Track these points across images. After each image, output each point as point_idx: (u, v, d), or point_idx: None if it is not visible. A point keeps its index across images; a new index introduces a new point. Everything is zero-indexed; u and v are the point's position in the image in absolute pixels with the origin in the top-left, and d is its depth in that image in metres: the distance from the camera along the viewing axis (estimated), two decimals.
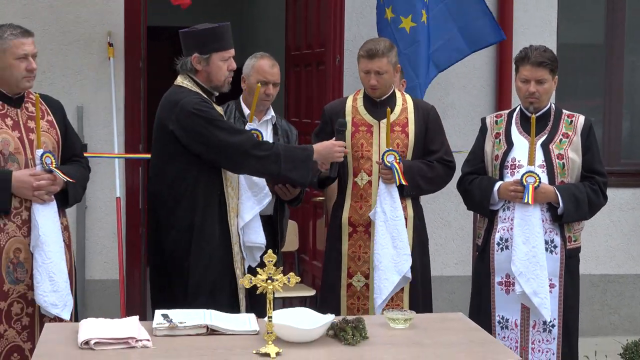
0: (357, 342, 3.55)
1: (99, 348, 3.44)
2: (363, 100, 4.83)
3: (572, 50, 7.25)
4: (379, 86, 4.72)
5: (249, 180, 4.54)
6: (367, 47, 4.71)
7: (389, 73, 4.71)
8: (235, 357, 3.38)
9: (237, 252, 4.49)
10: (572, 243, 4.56)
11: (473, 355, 3.47)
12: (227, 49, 4.45)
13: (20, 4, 6.31)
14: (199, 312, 3.81)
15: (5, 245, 4.13)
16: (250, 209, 4.55)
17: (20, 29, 4.22)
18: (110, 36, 6.40)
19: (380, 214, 4.61)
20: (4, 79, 4.21)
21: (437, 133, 4.83)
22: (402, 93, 4.90)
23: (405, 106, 4.80)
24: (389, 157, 4.60)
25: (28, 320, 4.19)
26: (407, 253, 4.60)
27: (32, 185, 4.10)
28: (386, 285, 4.57)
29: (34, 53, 4.24)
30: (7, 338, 4.15)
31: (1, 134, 4.15)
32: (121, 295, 6.02)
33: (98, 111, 6.42)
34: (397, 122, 4.75)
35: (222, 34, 4.46)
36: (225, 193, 4.42)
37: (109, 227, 6.46)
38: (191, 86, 4.43)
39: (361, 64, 4.74)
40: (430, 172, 4.73)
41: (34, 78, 4.27)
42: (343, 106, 4.85)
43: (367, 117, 4.79)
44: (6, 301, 4.14)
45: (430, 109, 4.86)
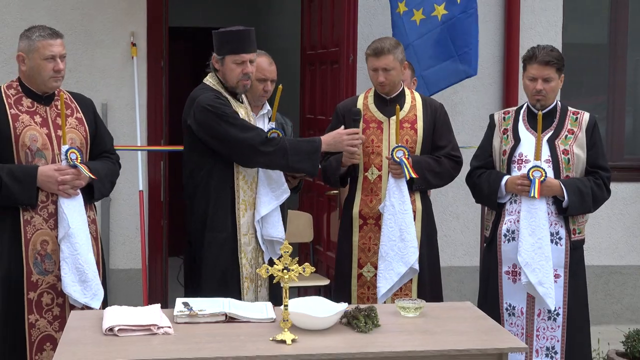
0: (369, 330, 3.55)
1: (122, 334, 3.45)
2: (374, 98, 4.81)
3: (577, 49, 7.22)
4: (387, 83, 4.70)
5: (267, 175, 4.51)
6: (374, 46, 4.70)
7: (396, 70, 4.70)
8: (252, 343, 3.38)
9: (246, 244, 4.46)
10: (577, 235, 4.55)
11: (480, 342, 3.46)
12: (240, 53, 4.41)
13: (47, 5, 6.32)
14: (218, 301, 3.81)
15: (32, 238, 4.14)
16: (267, 203, 4.51)
17: (50, 30, 4.23)
18: (133, 37, 6.41)
19: (389, 207, 4.59)
20: (32, 78, 4.22)
21: (445, 129, 4.80)
22: (412, 91, 4.88)
23: (414, 104, 4.78)
24: (398, 152, 4.58)
25: (59, 311, 4.19)
26: (415, 245, 4.58)
27: (57, 179, 4.11)
28: (391, 275, 4.55)
29: (62, 54, 4.24)
30: (39, 327, 4.16)
31: (29, 130, 4.16)
32: (144, 284, 6.04)
33: (122, 108, 6.44)
34: (406, 119, 4.73)
35: (238, 37, 4.44)
36: (236, 185, 4.42)
37: (132, 218, 6.48)
38: (215, 84, 4.46)
39: (369, 62, 4.74)
40: (438, 167, 4.71)
41: (62, 78, 4.27)
42: (354, 104, 4.83)
43: (377, 114, 4.76)
44: (35, 291, 4.15)
45: (439, 106, 4.83)
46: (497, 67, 6.88)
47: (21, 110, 4.19)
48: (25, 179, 4.08)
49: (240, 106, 4.51)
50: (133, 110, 6.35)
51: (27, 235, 4.14)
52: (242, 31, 4.46)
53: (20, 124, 4.14)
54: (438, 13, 5.98)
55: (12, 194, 4.08)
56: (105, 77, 6.41)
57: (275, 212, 4.56)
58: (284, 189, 4.55)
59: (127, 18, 6.42)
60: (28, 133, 4.15)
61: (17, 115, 4.16)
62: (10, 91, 4.24)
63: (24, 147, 4.13)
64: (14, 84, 4.28)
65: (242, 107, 4.53)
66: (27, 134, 4.14)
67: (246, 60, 4.43)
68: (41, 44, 4.17)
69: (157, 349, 3.31)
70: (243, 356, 3.26)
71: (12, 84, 4.28)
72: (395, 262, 4.55)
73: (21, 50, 4.22)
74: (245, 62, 4.42)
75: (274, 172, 4.51)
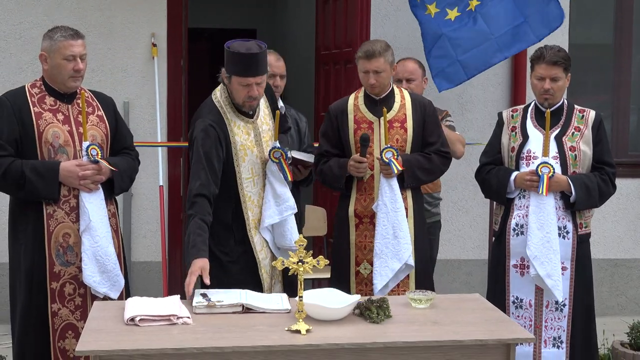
0: (381, 320, 3.54)
1: (143, 324, 3.45)
2: (364, 99, 4.69)
3: (583, 49, 7.18)
4: (377, 85, 4.58)
5: (272, 189, 4.35)
6: (365, 49, 4.58)
7: (387, 72, 4.58)
8: (268, 333, 3.38)
9: (264, 258, 4.33)
10: (583, 229, 4.53)
11: (489, 333, 3.45)
12: (246, 76, 4.15)
13: (71, 7, 6.32)
14: (235, 292, 3.81)
15: (55, 230, 4.17)
16: (269, 217, 4.33)
17: (71, 31, 4.23)
18: (154, 37, 6.41)
19: (382, 206, 4.50)
20: (54, 77, 4.24)
21: (434, 126, 4.70)
22: (400, 89, 4.76)
23: (403, 102, 4.67)
24: (387, 153, 4.48)
25: (80, 301, 4.22)
26: (408, 242, 4.51)
27: (78, 174, 4.13)
28: (386, 271, 4.49)
29: (83, 54, 4.24)
30: (61, 316, 4.20)
31: (52, 127, 4.18)
32: (163, 276, 6.05)
33: (143, 106, 6.44)
34: (396, 119, 4.62)
35: (243, 61, 4.16)
36: (244, 209, 4.27)
37: (152, 213, 6.48)
38: (221, 101, 4.29)
39: (360, 65, 4.61)
40: (428, 164, 4.63)
41: (81, 78, 4.27)
42: (345, 105, 4.72)
43: (367, 114, 4.64)
44: (58, 282, 4.18)
45: (427, 103, 4.73)
46: (506, 67, 6.84)
47: (44, 109, 4.20)
48: (48, 174, 4.11)
49: (242, 126, 4.29)
50: (154, 108, 6.36)
51: (50, 228, 4.17)
52: (249, 55, 4.16)
53: (43, 122, 4.16)
54: (472, 6, 5.94)
55: (35, 188, 4.10)
56: (127, 76, 6.42)
57: (283, 222, 4.38)
58: (289, 205, 4.36)
59: (148, 19, 6.42)
60: (51, 130, 4.17)
61: (40, 113, 4.18)
62: (34, 90, 4.25)
63: (47, 143, 4.16)
64: (37, 83, 4.30)
65: (245, 127, 4.30)
66: (49, 131, 4.16)
67: (252, 83, 4.18)
68: (62, 44, 4.18)
69: (177, 339, 3.31)
70: (259, 345, 3.26)
71: (36, 83, 4.30)
72: (390, 259, 4.49)
73: (43, 49, 4.24)
74: (251, 85, 4.18)
75: (279, 187, 4.34)
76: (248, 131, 4.31)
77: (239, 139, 4.27)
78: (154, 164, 6.33)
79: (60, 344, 4.19)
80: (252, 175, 4.32)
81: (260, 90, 4.24)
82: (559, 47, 4.53)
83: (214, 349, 3.23)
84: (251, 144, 4.32)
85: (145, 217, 6.52)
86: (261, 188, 4.36)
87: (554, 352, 4.49)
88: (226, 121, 4.25)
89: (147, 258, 6.54)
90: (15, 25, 6.30)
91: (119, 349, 3.20)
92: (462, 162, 6.47)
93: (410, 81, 5.26)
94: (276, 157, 4.34)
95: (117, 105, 4.61)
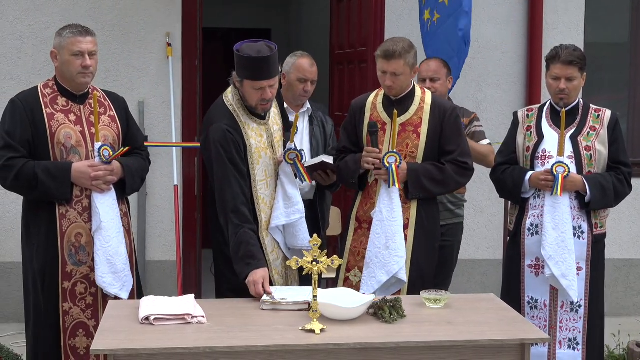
0: (394, 320, 3.54)
1: (158, 323, 3.46)
2: (383, 97, 4.48)
3: (599, 48, 7.16)
4: (394, 87, 4.35)
5: (284, 191, 4.34)
6: (385, 48, 4.33)
7: (405, 75, 4.34)
8: (282, 333, 3.38)
9: (275, 259, 4.32)
10: (598, 229, 4.51)
11: (504, 333, 3.44)
12: (258, 79, 4.09)
13: (87, 7, 6.35)
14: (299, 290, 3.84)
15: (67, 230, 4.19)
16: (277, 218, 4.30)
17: (81, 28, 4.25)
18: (168, 37, 6.43)
19: (377, 214, 4.31)
20: (64, 74, 4.26)
21: (454, 134, 4.40)
22: (424, 91, 4.49)
23: (422, 106, 4.41)
24: (390, 158, 4.28)
25: (92, 300, 4.24)
26: (400, 255, 4.25)
27: (90, 175, 4.15)
28: (372, 283, 4.27)
29: (92, 51, 4.24)
30: (72, 315, 4.21)
31: (64, 128, 4.20)
32: (178, 275, 6.06)
33: (157, 106, 6.46)
34: (410, 122, 4.39)
35: (256, 65, 4.09)
36: (257, 209, 4.24)
37: (167, 212, 6.50)
38: (232, 103, 4.24)
39: (378, 64, 4.37)
40: (439, 175, 4.35)
41: (91, 75, 4.27)
42: (365, 102, 4.53)
43: (383, 115, 4.43)
44: (70, 281, 4.20)
45: (449, 109, 4.44)
46: (521, 66, 6.83)
47: (56, 109, 4.22)
48: (60, 175, 4.13)
49: (256, 128, 4.27)
50: (168, 108, 6.37)
51: (63, 228, 4.18)
52: (261, 59, 4.08)
53: (55, 123, 4.18)
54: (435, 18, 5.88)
55: (48, 189, 4.12)
56: (142, 76, 6.44)
57: (295, 224, 4.35)
58: (298, 208, 4.32)
59: (163, 19, 6.44)
60: (63, 131, 4.18)
61: (53, 114, 4.20)
62: (46, 90, 4.27)
63: (59, 144, 4.17)
64: (50, 83, 4.31)
65: (257, 129, 4.28)
66: (61, 132, 4.18)
67: (265, 86, 4.12)
68: (70, 41, 4.20)
69: (191, 338, 3.32)
70: (273, 344, 3.26)
71: (48, 83, 4.32)
72: (378, 270, 4.27)
73: (54, 47, 4.26)
74: (264, 88, 4.13)
75: (290, 189, 4.33)
76: (261, 133, 4.30)
77: (254, 142, 4.24)
78: (168, 164, 6.34)
79: (71, 342, 4.22)
80: (266, 177, 4.30)
81: (273, 92, 4.19)
82: (574, 47, 4.51)
83: (228, 349, 3.23)
84: (264, 146, 4.30)
85: (159, 217, 6.54)
86: (274, 190, 4.35)
87: (570, 353, 4.46)
88: (240, 124, 4.21)
89: (161, 257, 6.55)
90: (31, 25, 6.33)
91: (133, 348, 3.21)
92: None
93: (434, 81, 5.13)
94: (291, 158, 4.33)
95: (133, 105, 4.64)
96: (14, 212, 6.25)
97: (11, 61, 6.30)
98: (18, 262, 4.54)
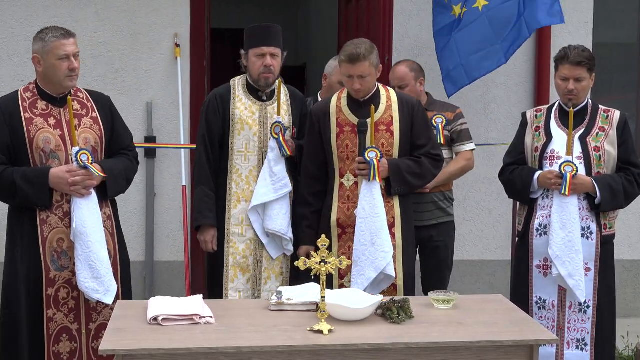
0: (401, 321, 3.53)
1: (166, 324, 3.47)
2: (347, 100, 4.46)
3: (607, 49, 7.14)
4: (362, 89, 4.35)
5: (270, 168, 4.54)
6: (349, 52, 4.30)
7: (372, 75, 4.35)
8: (290, 333, 3.38)
9: (238, 234, 4.61)
10: (607, 230, 4.50)
11: (512, 334, 3.43)
12: (260, 46, 4.55)
13: (95, 8, 6.36)
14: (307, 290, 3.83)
15: (49, 236, 4.15)
16: (264, 195, 4.53)
17: (62, 30, 4.20)
18: (177, 38, 6.44)
19: (360, 211, 4.28)
20: (48, 79, 4.20)
21: (423, 128, 4.48)
22: (387, 89, 4.51)
23: (389, 104, 4.44)
24: (370, 153, 4.26)
25: (74, 304, 4.19)
26: (386, 250, 4.25)
27: (68, 181, 4.09)
28: (362, 280, 4.24)
29: (76, 53, 4.21)
30: (56, 321, 4.17)
31: (43, 132, 4.15)
32: (186, 275, 6.06)
33: (166, 107, 6.46)
34: (381, 121, 4.40)
35: (259, 32, 4.60)
36: (229, 179, 4.59)
37: (175, 213, 6.50)
38: (236, 81, 4.70)
39: (343, 69, 4.36)
40: (418, 168, 4.42)
41: (77, 77, 4.25)
42: (327, 107, 4.49)
43: (351, 117, 4.42)
44: (53, 287, 4.15)
45: (416, 103, 4.52)
46: (529, 66, 6.82)
47: (35, 114, 4.17)
48: (38, 181, 4.08)
49: (248, 104, 4.63)
50: (177, 109, 6.37)
51: (44, 234, 4.14)
52: (263, 26, 4.64)
53: (33, 127, 4.13)
54: (479, 4, 5.85)
55: (26, 195, 4.08)
56: (150, 77, 6.45)
57: (275, 205, 4.57)
58: (285, 183, 4.55)
59: (171, 20, 6.44)
60: (42, 136, 4.14)
61: (31, 119, 4.15)
62: (26, 94, 4.22)
63: (38, 149, 4.13)
64: (30, 86, 4.27)
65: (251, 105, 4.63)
66: (40, 137, 4.13)
67: (266, 53, 4.55)
68: (55, 45, 4.14)
69: (199, 338, 3.32)
70: (281, 345, 3.26)
71: (29, 86, 4.27)
72: (367, 267, 4.24)
73: (36, 52, 4.20)
74: (265, 55, 4.54)
75: (276, 165, 4.53)
76: (253, 110, 4.61)
77: (239, 113, 4.62)
78: (176, 164, 6.35)
79: (55, 348, 4.17)
80: (246, 150, 4.61)
81: (275, 64, 4.57)
82: (583, 47, 4.49)
83: (236, 349, 3.23)
84: (253, 122, 4.62)
85: (168, 217, 6.54)
86: (254, 167, 4.60)
87: (578, 354, 4.45)
88: (232, 95, 4.64)
89: (170, 258, 6.56)
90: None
91: (141, 349, 3.22)
92: (485, 162, 6.45)
93: (402, 88, 5.08)
94: (276, 132, 4.53)
95: (141, 106, 4.63)
96: None
97: (21, 62, 6.31)
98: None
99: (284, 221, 4.58)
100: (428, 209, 5.11)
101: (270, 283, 4.64)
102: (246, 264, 4.62)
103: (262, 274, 4.64)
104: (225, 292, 4.62)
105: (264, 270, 4.64)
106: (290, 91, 4.80)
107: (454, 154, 5.19)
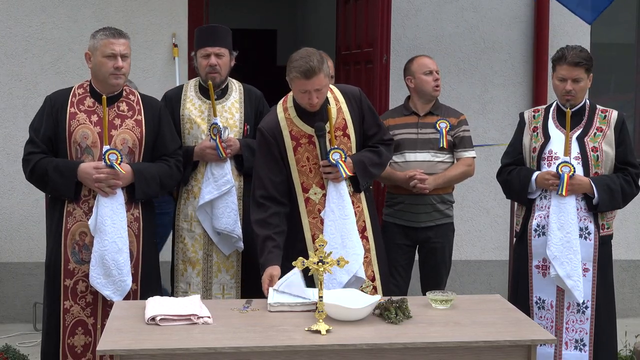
0: (399, 321, 3.54)
1: (164, 324, 3.47)
2: (295, 111, 4.24)
3: (605, 49, 7.15)
4: (320, 101, 4.14)
5: (211, 166, 4.67)
6: (303, 68, 4.02)
7: (327, 86, 4.14)
8: (288, 333, 3.38)
9: (187, 229, 4.76)
10: (605, 230, 4.50)
11: (510, 334, 3.43)
12: (205, 46, 4.73)
13: (93, 8, 6.36)
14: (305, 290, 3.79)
15: (72, 228, 4.27)
16: (209, 193, 4.67)
17: (114, 30, 4.34)
18: (174, 37, 6.44)
19: (329, 213, 4.15)
20: (97, 76, 4.34)
21: (371, 117, 4.36)
22: (331, 89, 4.31)
23: (339, 106, 4.28)
24: (334, 155, 4.13)
25: (92, 298, 4.28)
26: (357, 252, 4.14)
27: (93, 177, 4.19)
28: (334, 285, 4.08)
29: (124, 54, 4.32)
30: (72, 313, 4.26)
31: (82, 128, 4.28)
32: None
33: None
34: (336, 127, 4.24)
35: (203, 33, 4.82)
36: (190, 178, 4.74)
37: None
38: (190, 84, 4.91)
39: (297, 85, 4.08)
40: (378, 158, 4.35)
41: (123, 76, 4.35)
42: (276, 121, 4.24)
43: (304, 127, 4.22)
44: (72, 279, 4.26)
45: (358, 93, 4.35)
46: (527, 66, 6.82)
47: (80, 109, 4.31)
48: (67, 173, 4.22)
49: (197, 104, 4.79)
50: None
51: (68, 225, 4.27)
52: (209, 27, 4.91)
53: (75, 122, 4.28)
54: None
55: (56, 185, 4.24)
56: (147, 76, 6.45)
57: (220, 203, 4.68)
58: (227, 179, 4.67)
59: (169, 20, 6.45)
60: (80, 131, 4.27)
61: (75, 113, 4.30)
62: (79, 90, 4.38)
63: (75, 143, 4.27)
64: (85, 83, 4.41)
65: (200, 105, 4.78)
66: (79, 132, 4.27)
67: (210, 53, 4.71)
68: (103, 42, 4.28)
69: (197, 338, 3.32)
70: (279, 345, 3.26)
71: (84, 83, 4.42)
72: (338, 271, 4.03)
73: (88, 49, 4.36)
74: (210, 55, 4.71)
75: (217, 165, 4.66)
76: (202, 109, 4.78)
77: (187, 112, 4.77)
78: None
79: (70, 341, 4.27)
80: None
81: (221, 63, 4.72)
82: (580, 48, 4.50)
83: (234, 349, 3.23)
84: (201, 121, 4.76)
85: None
86: (202, 164, 4.72)
87: (576, 354, 4.45)
88: (183, 95, 4.81)
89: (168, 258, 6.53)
90: (38, 26, 6.34)
91: (139, 349, 3.22)
92: (483, 162, 6.46)
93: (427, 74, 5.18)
94: (214, 133, 4.64)
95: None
96: (19, 213, 6.27)
97: (18, 62, 6.31)
98: (24, 262, 4.57)
99: (230, 219, 4.69)
100: (426, 210, 5.11)
101: (220, 276, 4.77)
102: (196, 257, 4.75)
103: (213, 267, 4.76)
104: (176, 285, 4.82)
105: (214, 264, 4.76)
106: (246, 89, 4.91)
107: (455, 159, 5.19)
